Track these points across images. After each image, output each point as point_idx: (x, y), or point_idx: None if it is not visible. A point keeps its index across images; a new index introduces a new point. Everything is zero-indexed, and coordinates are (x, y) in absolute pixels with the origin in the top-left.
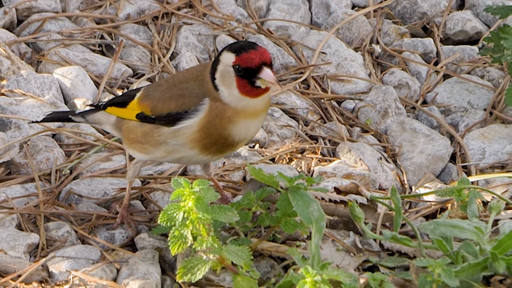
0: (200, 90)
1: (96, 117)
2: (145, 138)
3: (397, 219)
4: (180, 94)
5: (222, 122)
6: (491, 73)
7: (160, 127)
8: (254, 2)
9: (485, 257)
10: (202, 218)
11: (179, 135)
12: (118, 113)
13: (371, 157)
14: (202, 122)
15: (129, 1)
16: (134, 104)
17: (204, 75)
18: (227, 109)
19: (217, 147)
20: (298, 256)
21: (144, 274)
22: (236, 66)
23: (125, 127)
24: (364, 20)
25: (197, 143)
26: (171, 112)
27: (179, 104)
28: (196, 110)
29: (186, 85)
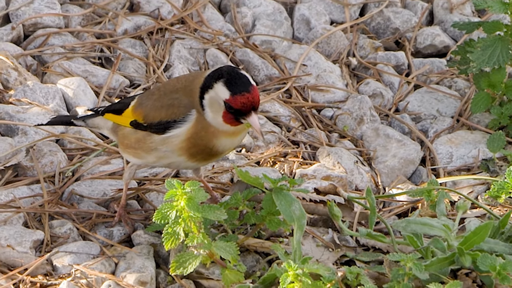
0: (188, 101)
1: (95, 122)
2: (138, 144)
3: (371, 218)
4: (170, 104)
5: (207, 135)
6: (458, 83)
7: (152, 134)
8: (240, 18)
9: (453, 252)
10: (193, 217)
11: (168, 143)
12: (114, 120)
13: (348, 160)
14: (189, 132)
15: (126, 18)
16: (129, 112)
17: (193, 88)
18: (210, 126)
19: (203, 156)
20: (281, 251)
21: (140, 268)
22: (227, 104)
23: (121, 133)
24: (341, 35)
25: (184, 151)
26: (161, 121)
27: (168, 113)
28: (184, 120)
29: (176, 95)
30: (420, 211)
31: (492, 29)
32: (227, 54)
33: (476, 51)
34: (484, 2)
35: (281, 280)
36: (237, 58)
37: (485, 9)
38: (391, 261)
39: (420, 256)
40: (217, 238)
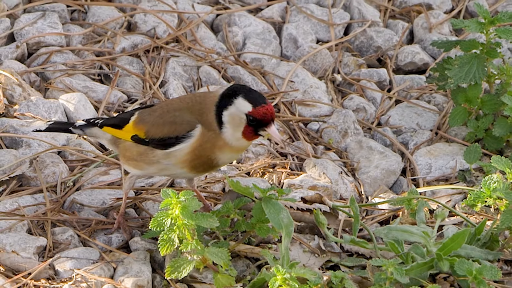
0: (192, 118)
1: (93, 132)
2: (140, 157)
3: (355, 225)
4: (172, 121)
5: (213, 148)
6: (436, 98)
7: (154, 149)
8: (232, 37)
9: (432, 258)
10: (187, 224)
11: (171, 157)
12: (114, 133)
13: (333, 171)
14: (193, 146)
15: (124, 37)
16: (130, 127)
17: (205, 106)
18: (220, 140)
19: (203, 168)
20: (270, 257)
21: (137, 272)
22: (250, 116)
23: (122, 146)
24: (327, 53)
25: (186, 164)
26: (163, 137)
27: (171, 129)
28: (187, 136)
29: (178, 112)
30: (401, 218)
31: (468, 48)
32: (219, 71)
33: (453, 68)
34: (461, 22)
35: (270, 283)
36: (228, 75)
37: (462, 28)
38: (374, 266)
39: (401, 261)
40: (210, 244)
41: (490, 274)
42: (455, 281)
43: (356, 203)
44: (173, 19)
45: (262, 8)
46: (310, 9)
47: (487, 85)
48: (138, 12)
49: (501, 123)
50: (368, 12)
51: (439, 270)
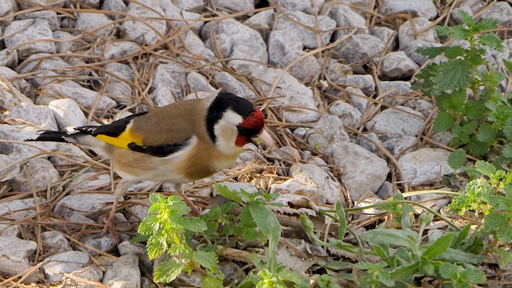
0: (188, 126)
1: (86, 140)
2: (136, 163)
3: (341, 229)
4: (169, 128)
5: (209, 157)
6: (421, 104)
7: (151, 156)
8: (219, 44)
9: (417, 261)
10: (175, 228)
11: (168, 163)
12: (109, 141)
13: (319, 176)
14: (190, 154)
15: (113, 44)
16: (126, 135)
17: (195, 117)
18: (215, 151)
19: (199, 174)
20: (257, 261)
21: (126, 276)
22: (241, 127)
23: (117, 153)
24: (313, 59)
25: (183, 170)
26: (161, 144)
27: (169, 137)
28: (185, 144)
29: (175, 120)
30: (386, 223)
31: (453, 54)
32: (207, 78)
33: (438, 75)
34: (446, 29)
35: (257, 287)
36: (216, 81)
37: (447, 35)
38: (360, 270)
39: (387, 265)
40: (198, 248)
41: (474, 277)
42: (440, 285)
43: (342, 207)
44: (161, 26)
45: (250, 15)
46: (297, 16)
47: (471, 91)
48: (127, 19)
49: (485, 129)
50: (354, 19)
51: (424, 274)
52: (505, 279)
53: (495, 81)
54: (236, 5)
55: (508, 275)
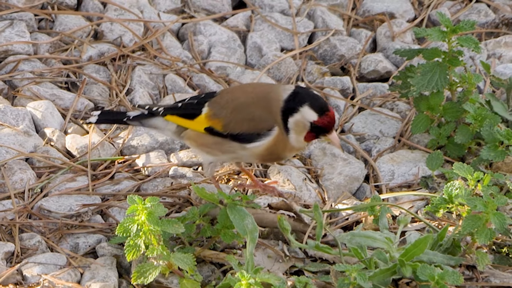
0: (269, 117)
1: (152, 123)
2: (215, 146)
3: (319, 231)
4: (250, 118)
5: (284, 148)
6: (399, 106)
7: (231, 141)
8: (197, 46)
9: (394, 263)
10: (153, 230)
11: (247, 150)
12: (183, 124)
13: (297, 177)
14: (269, 144)
15: (91, 45)
16: (203, 119)
17: (270, 106)
18: (289, 143)
19: (271, 160)
20: (235, 262)
21: (104, 278)
22: (314, 125)
23: (193, 134)
24: (291, 61)
25: (259, 157)
26: (243, 133)
27: (250, 126)
28: (267, 134)
29: (253, 109)
30: (364, 225)
31: (431, 56)
32: (184, 79)
33: (416, 76)
34: (424, 31)
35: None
36: (194, 83)
37: (424, 37)
38: (337, 271)
39: (364, 266)
40: (176, 250)
41: (452, 279)
42: (418, 287)
43: (319, 209)
44: (139, 28)
45: (227, 17)
46: (275, 18)
47: (449, 93)
48: (104, 21)
49: (463, 131)
50: (331, 21)
51: (401, 276)
52: (482, 281)
53: (473, 82)
54: (214, 6)
55: (485, 276)
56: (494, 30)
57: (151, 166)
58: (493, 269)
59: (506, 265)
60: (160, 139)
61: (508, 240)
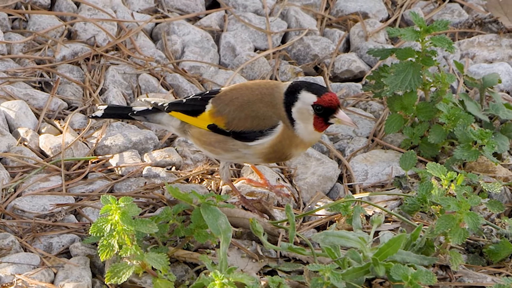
0: (273, 113)
1: (157, 118)
2: (218, 144)
3: (291, 232)
4: (254, 115)
5: (290, 144)
6: (372, 106)
7: (234, 139)
8: (171, 45)
9: (368, 263)
10: (126, 230)
11: (251, 148)
12: (187, 120)
13: (271, 177)
14: (273, 142)
15: (64, 45)
16: (206, 116)
17: (275, 102)
18: (296, 138)
19: (276, 159)
20: (209, 262)
21: (77, 277)
22: (316, 106)
23: (197, 132)
24: (264, 61)
25: (263, 156)
26: (246, 130)
27: (254, 124)
28: (270, 132)
29: (257, 106)
30: (337, 224)
31: (404, 56)
32: (158, 79)
33: (389, 76)
34: (397, 31)
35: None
36: (167, 83)
37: (398, 37)
38: (311, 271)
39: (338, 266)
40: (149, 250)
41: (426, 279)
42: (391, 286)
43: (291, 210)
44: (112, 28)
45: (201, 17)
46: (248, 17)
47: (422, 93)
48: (78, 20)
49: (436, 130)
50: (305, 21)
51: (375, 275)
52: (456, 281)
53: (446, 82)
54: (187, 6)
55: (459, 276)
56: (467, 30)
57: (125, 166)
58: (467, 269)
59: (479, 265)
60: (134, 139)
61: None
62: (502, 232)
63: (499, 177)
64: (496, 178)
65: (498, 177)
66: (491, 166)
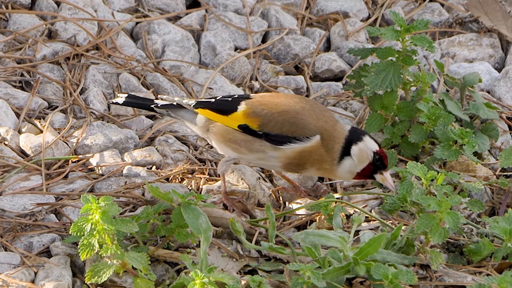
0: (313, 126)
1: (180, 114)
2: (244, 143)
3: (271, 232)
4: (293, 122)
5: (314, 161)
6: (353, 105)
7: (264, 140)
8: (151, 45)
9: (348, 262)
10: (107, 229)
11: (279, 151)
12: (215, 118)
13: (251, 177)
14: (304, 149)
15: (45, 44)
16: (238, 116)
17: (331, 130)
18: (329, 164)
19: (294, 168)
20: (189, 261)
21: (58, 277)
22: (376, 155)
23: (223, 129)
24: (245, 60)
25: (287, 160)
26: (280, 134)
27: (291, 130)
28: (305, 140)
29: (301, 117)
30: (318, 223)
31: (385, 55)
32: (138, 78)
33: (370, 75)
34: (378, 30)
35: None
36: (148, 82)
37: (378, 36)
38: (291, 270)
39: (318, 265)
40: (129, 249)
41: (406, 278)
42: (372, 286)
43: (271, 210)
44: (93, 27)
45: (181, 16)
46: (229, 17)
47: (403, 92)
48: (58, 20)
49: (417, 130)
50: (285, 20)
51: (355, 275)
52: (436, 280)
53: (427, 82)
54: (168, 6)
55: (439, 275)
56: (447, 30)
57: (105, 165)
58: (447, 268)
59: (459, 264)
60: (114, 138)
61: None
62: (482, 231)
63: (480, 176)
64: (477, 178)
65: (479, 177)
66: (471, 166)
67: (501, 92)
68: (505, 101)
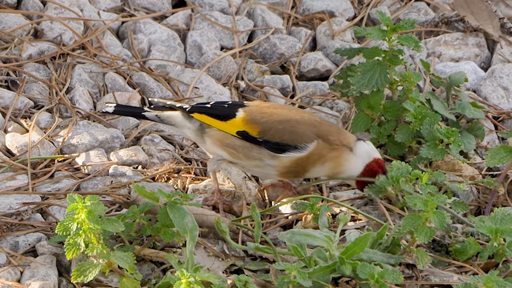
0: (312, 133)
1: (172, 119)
2: (242, 149)
3: (257, 232)
4: (293, 130)
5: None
6: (339, 105)
7: (262, 148)
8: (137, 44)
9: (334, 261)
10: (93, 228)
11: (277, 160)
12: (213, 123)
13: (237, 176)
14: (303, 157)
15: (31, 44)
16: (237, 122)
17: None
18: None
19: (291, 176)
20: (175, 261)
21: (44, 276)
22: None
23: (220, 135)
24: (231, 60)
25: (284, 169)
26: (280, 142)
27: (291, 138)
28: (304, 147)
29: (301, 126)
30: (304, 223)
31: (371, 55)
32: (124, 78)
33: (356, 75)
34: (364, 30)
35: (175, 287)
36: (134, 81)
37: (364, 36)
38: (277, 270)
39: (304, 265)
40: (115, 248)
41: (392, 277)
42: (358, 285)
43: (257, 209)
44: (79, 26)
45: (167, 16)
46: (214, 16)
47: (389, 92)
48: (44, 19)
49: (403, 129)
50: (271, 20)
51: (341, 274)
52: (422, 279)
53: (413, 81)
54: (154, 5)
55: (425, 275)
56: (433, 29)
57: (91, 164)
58: (433, 268)
59: (445, 264)
60: (100, 138)
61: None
62: (468, 230)
63: (466, 175)
64: (463, 177)
65: (465, 176)
66: (457, 165)
67: (487, 91)
68: (491, 100)
